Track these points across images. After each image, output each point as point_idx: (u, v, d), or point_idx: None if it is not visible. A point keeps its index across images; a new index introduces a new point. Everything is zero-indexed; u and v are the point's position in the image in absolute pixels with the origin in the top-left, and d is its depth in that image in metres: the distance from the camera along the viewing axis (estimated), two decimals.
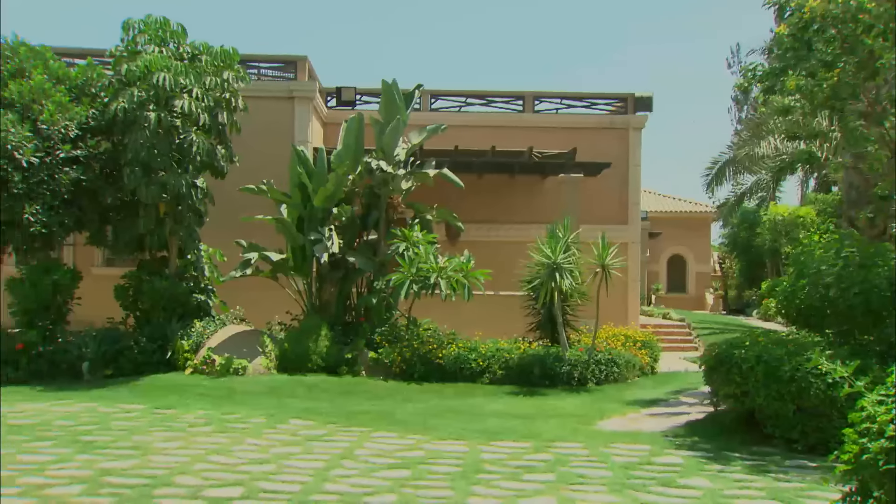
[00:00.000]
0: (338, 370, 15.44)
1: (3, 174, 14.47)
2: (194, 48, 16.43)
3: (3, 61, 15.78)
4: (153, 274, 16.36)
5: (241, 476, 8.21)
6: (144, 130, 15.20)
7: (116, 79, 15.99)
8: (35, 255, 15.66)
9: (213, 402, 12.89)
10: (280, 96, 19.85)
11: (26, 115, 15.11)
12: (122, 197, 16.10)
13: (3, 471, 8.28)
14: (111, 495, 7.44)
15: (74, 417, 11.46)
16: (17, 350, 14.66)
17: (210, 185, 16.78)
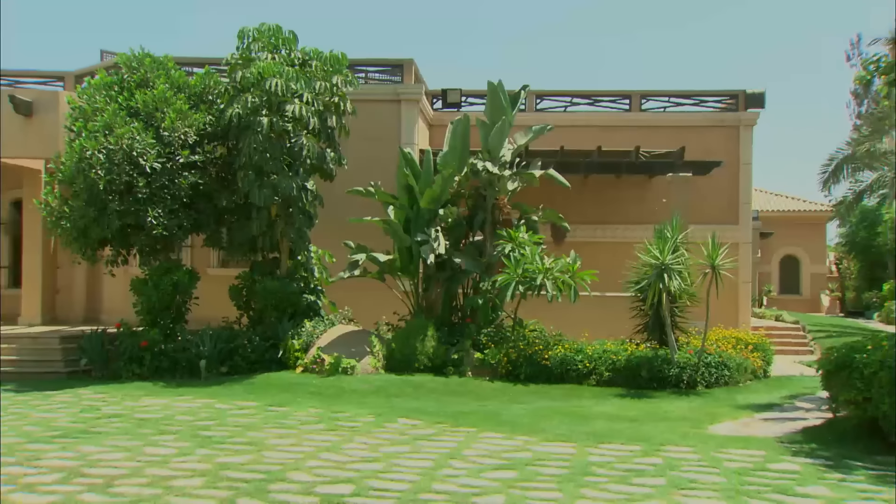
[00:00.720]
0: (444, 370, 15.55)
1: (129, 179, 15.16)
2: (305, 54, 16.86)
3: (130, 72, 16.55)
4: (265, 275, 16.83)
5: (351, 474, 8.37)
6: (257, 135, 15.68)
7: (232, 85, 16.57)
8: (157, 257, 16.34)
9: (323, 401, 13.18)
10: (387, 99, 20.13)
11: (150, 122, 15.81)
12: (236, 200, 16.63)
13: (131, 462, 8.71)
14: (229, 489, 7.70)
15: (194, 413, 11.91)
16: (142, 347, 15.32)
17: (319, 188, 17.16)
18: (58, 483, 7.83)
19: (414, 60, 20.37)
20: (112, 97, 16.06)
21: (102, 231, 15.52)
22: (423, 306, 17.55)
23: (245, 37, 16.63)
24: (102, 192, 15.13)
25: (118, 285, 19.32)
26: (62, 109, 17.25)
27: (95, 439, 9.90)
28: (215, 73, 17.26)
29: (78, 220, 15.49)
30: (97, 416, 11.62)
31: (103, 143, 15.12)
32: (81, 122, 15.78)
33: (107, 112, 15.51)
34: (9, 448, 9.35)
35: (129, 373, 15.25)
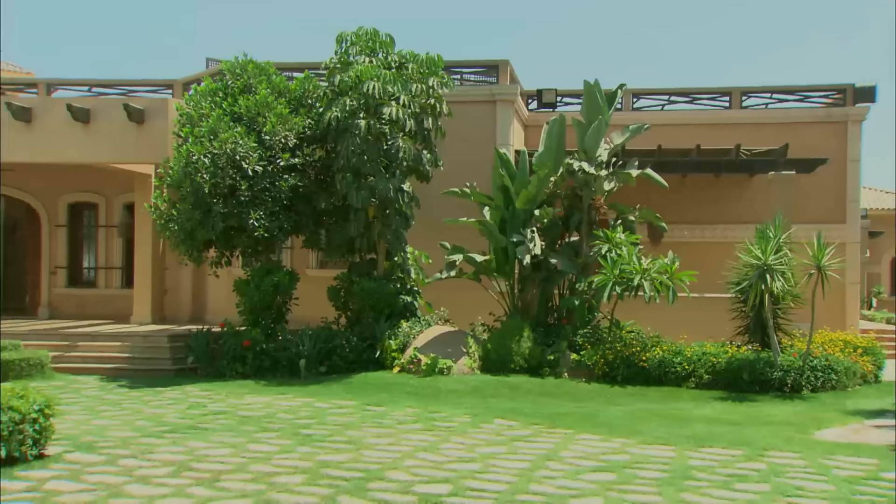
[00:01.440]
0: (540, 371, 15.50)
1: (233, 182, 15.63)
2: (401, 57, 17.06)
3: (234, 78, 17.07)
4: (363, 275, 17.08)
5: (448, 473, 8.44)
6: (355, 137, 15.94)
7: (330, 89, 16.90)
8: (258, 258, 16.78)
9: (419, 401, 13.31)
10: (482, 100, 20.17)
11: (252, 127, 16.26)
12: (334, 202, 16.93)
13: (236, 458, 8.98)
14: (329, 486, 7.86)
15: (294, 412, 12.19)
16: (244, 347, 15.76)
17: (415, 189, 17.33)
18: (168, 476, 8.14)
19: (509, 61, 20.36)
20: (217, 103, 16.59)
21: (207, 233, 16.03)
22: (518, 307, 17.53)
23: (343, 41, 16.95)
24: (207, 196, 15.64)
25: (222, 286, 19.92)
26: (171, 116, 17.88)
27: (202, 435, 10.25)
28: (314, 77, 17.63)
29: (185, 223, 16.04)
30: (203, 412, 12.01)
31: (208, 148, 15.63)
32: (188, 127, 16.35)
33: (212, 117, 16.02)
34: (123, 441, 9.76)
35: (232, 371, 15.70)
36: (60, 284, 22.60)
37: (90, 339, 17.34)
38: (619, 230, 16.78)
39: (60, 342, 17.21)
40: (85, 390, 14.13)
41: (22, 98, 19.94)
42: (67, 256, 22.77)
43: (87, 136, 18.32)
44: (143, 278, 19.55)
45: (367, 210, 16.53)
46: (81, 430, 10.39)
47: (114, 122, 18.16)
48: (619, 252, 16.08)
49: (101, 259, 22.71)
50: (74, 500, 7.23)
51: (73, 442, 9.60)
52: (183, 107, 17.17)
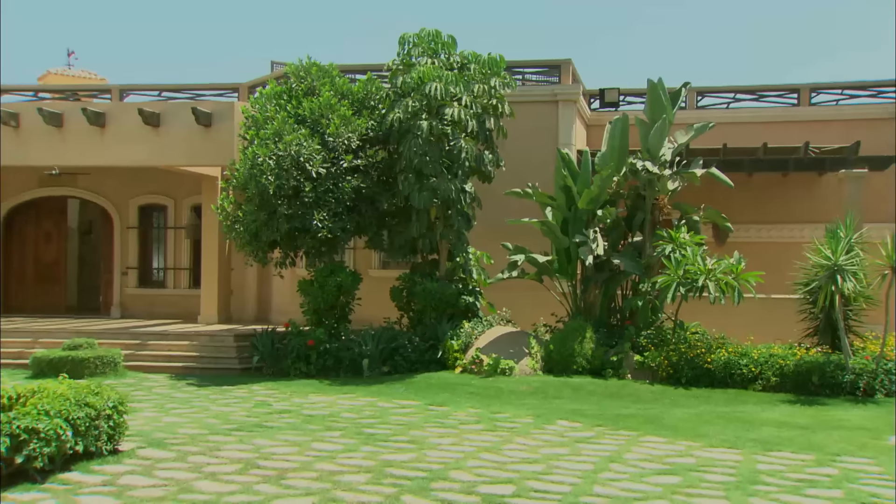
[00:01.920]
0: (602, 372, 15.39)
1: (297, 184, 15.85)
2: (463, 57, 17.11)
3: (298, 81, 17.32)
4: (425, 276, 17.16)
5: (511, 474, 8.43)
6: (417, 139, 16.02)
7: (392, 91, 17.02)
8: (322, 259, 16.97)
9: (482, 401, 13.32)
10: (544, 100, 20.09)
11: (316, 129, 16.47)
12: (396, 203, 17.05)
13: (300, 457, 9.10)
14: (392, 486, 7.92)
15: (358, 411, 12.31)
16: (308, 346, 15.96)
17: (477, 190, 17.35)
18: (236, 474, 8.29)
19: (571, 61, 20.25)
20: (281, 105, 16.84)
21: (272, 234, 16.28)
22: (581, 308, 17.42)
23: (405, 43, 17.06)
24: (272, 197, 15.87)
25: (286, 286, 20.20)
26: (237, 119, 18.20)
27: (268, 433, 10.41)
28: (377, 79, 17.78)
29: (250, 224, 16.31)
30: (269, 411, 12.20)
31: (273, 150, 15.86)
32: (254, 130, 16.63)
33: (276, 120, 16.26)
34: (192, 438, 9.97)
35: (296, 370, 15.91)
36: (131, 285, 23.17)
37: (160, 339, 17.75)
38: (684, 230, 16.56)
39: (132, 341, 17.65)
40: (155, 388, 14.46)
41: (96, 103, 20.48)
42: (138, 257, 23.32)
43: (157, 140, 18.76)
44: (210, 279, 19.93)
45: (429, 211, 16.61)
46: (153, 427, 10.64)
47: (182, 125, 18.56)
48: (684, 252, 15.87)
49: (170, 260, 23.22)
50: (147, 496, 7.42)
51: (144, 438, 9.84)
52: (248, 110, 17.47)
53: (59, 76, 27.44)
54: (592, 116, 22.02)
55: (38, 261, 23.81)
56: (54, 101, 22.01)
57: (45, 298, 23.56)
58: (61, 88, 24.10)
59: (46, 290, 23.71)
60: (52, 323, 19.73)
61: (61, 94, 23.28)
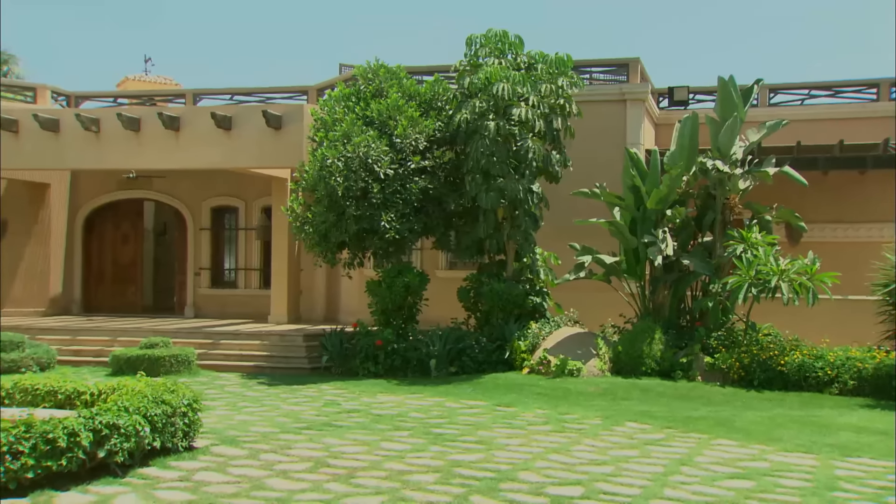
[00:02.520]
0: (672, 374, 15.19)
1: (365, 185, 16.01)
2: (531, 57, 17.08)
3: (366, 83, 17.50)
4: (492, 276, 17.16)
5: (580, 476, 8.39)
6: (484, 139, 16.04)
7: (460, 91, 17.07)
8: (389, 259, 17.10)
9: (549, 402, 13.28)
10: (611, 99, 19.91)
11: (384, 130, 16.62)
12: (463, 203, 17.10)
13: (370, 456, 9.20)
14: (461, 486, 7.94)
15: (425, 411, 12.38)
16: (376, 346, 16.10)
17: (544, 190, 17.30)
18: (306, 472, 8.41)
19: (640, 59, 20.03)
20: (350, 107, 17.03)
21: (341, 235, 16.47)
22: (649, 308, 17.23)
23: (472, 43, 17.10)
24: (341, 198, 16.06)
25: (354, 286, 20.40)
26: (306, 121, 18.45)
27: (337, 432, 10.54)
28: (444, 80, 17.85)
29: (319, 225, 16.53)
30: (338, 410, 12.35)
31: (342, 152, 16.05)
32: (322, 132, 16.85)
33: (345, 122, 16.45)
34: (264, 437, 10.16)
35: (364, 370, 16.06)
36: (204, 285, 23.67)
37: (231, 338, 18.11)
38: (755, 230, 16.26)
39: (205, 340, 18.05)
40: (227, 386, 14.76)
41: (171, 108, 21.01)
42: (210, 258, 23.81)
43: (229, 143, 19.13)
44: (280, 279, 20.25)
45: (496, 211, 16.62)
46: (225, 425, 10.87)
47: (253, 128, 18.89)
48: (755, 252, 15.58)
49: (241, 261, 23.66)
50: (221, 492, 7.58)
51: (218, 436, 10.05)
52: (317, 112, 17.71)
53: (137, 82, 28.20)
54: (661, 115, 21.75)
55: (116, 262, 24.49)
56: (132, 106, 22.64)
57: (123, 298, 24.23)
58: (138, 94, 24.76)
59: (124, 290, 24.39)
60: (130, 322, 20.30)
61: (138, 100, 23.92)
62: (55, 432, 7.46)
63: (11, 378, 10.54)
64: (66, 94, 24.12)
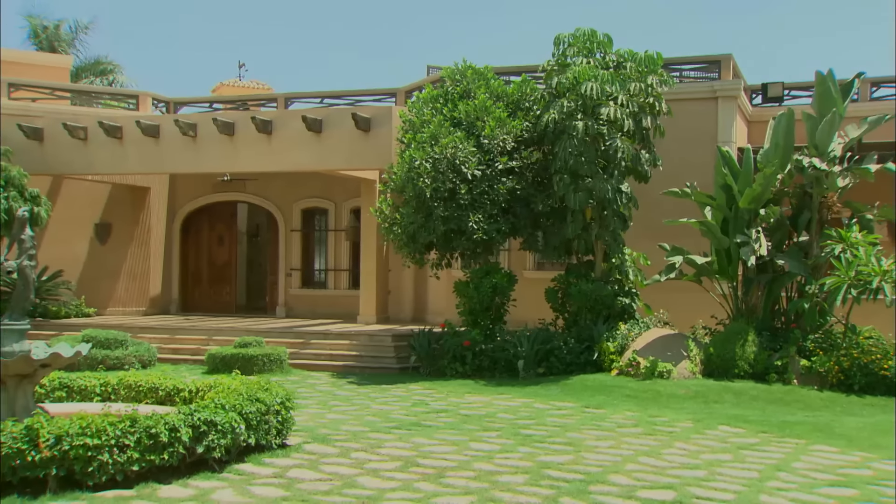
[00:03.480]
0: (766, 377, 14.82)
1: (453, 186, 16.08)
2: (620, 56, 16.89)
3: (454, 84, 17.59)
4: (580, 277, 17.04)
5: (672, 480, 8.28)
6: (572, 139, 15.94)
7: (547, 91, 17.00)
8: (477, 260, 17.14)
9: (639, 404, 13.12)
10: (702, 97, 19.51)
11: (471, 131, 16.66)
12: (551, 204, 17.01)
13: (459, 456, 9.25)
14: (550, 487, 7.93)
15: (514, 412, 12.37)
16: (464, 347, 16.15)
17: (634, 190, 17.08)
18: (396, 471, 8.52)
19: (732, 56, 19.57)
20: (437, 109, 17.13)
21: (428, 236, 16.58)
22: (742, 310, 16.83)
23: (561, 43, 17.01)
24: (429, 199, 16.17)
25: (441, 287, 20.50)
26: (394, 123, 18.62)
27: (426, 432, 10.63)
28: (531, 80, 17.80)
29: (407, 226, 16.68)
30: (426, 410, 12.45)
31: (430, 153, 16.16)
32: (411, 133, 17.00)
33: (433, 123, 16.56)
34: (354, 435, 10.32)
35: (452, 370, 16.13)
36: (295, 285, 24.13)
37: (322, 338, 18.42)
38: (855, 229, 15.71)
39: (296, 339, 18.41)
40: (318, 385, 15.03)
41: (263, 112, 21.50)
42: (301, 259, 24.26)
43: (319, 145, 19.45)
44: (369, 280, 20.50)
45: (584, 211, 16.49)
46: (317, 424, 11.07)
47: (343, 130, 19.16)
48: (855, 252, 15.06)
49: (331, 261, 24.04)
50: (314, 489, 7.74)
51: (310, 434, 10.26)
52: (406, 114, 17.87)
53: (231, 87, 28.96)
54: (754, 112, 21.21)
55: (212, 263, 25.19)
56: (226, 110, 23.24)
57: (218, 298, 24.91)
58: (232, 99, 25.41)
59: (218, 290, 25.06)
60: (224, 322, 20.84)
61: (232, 105, 24.54)
62: (157, 427, 7.75)
63: (116, 375, 10.96)
64: (165, 101, 24.93)
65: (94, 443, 7.40)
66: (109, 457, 7.45)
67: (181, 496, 7.42)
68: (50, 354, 8.80)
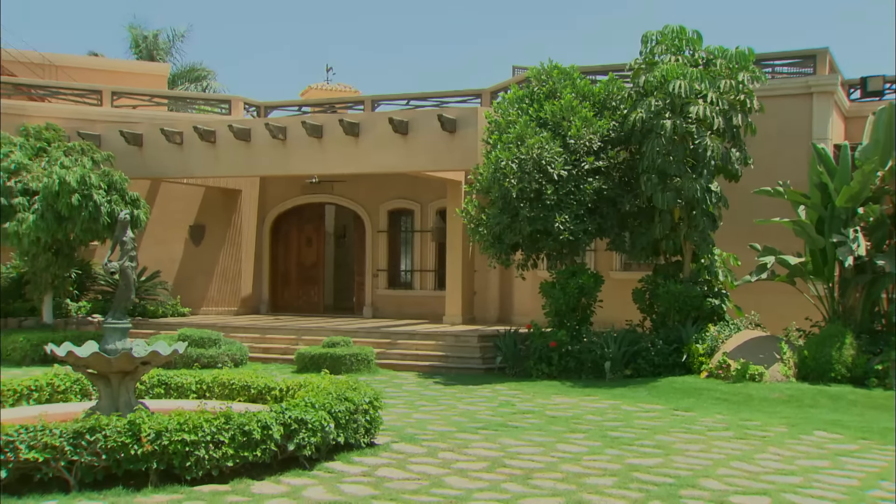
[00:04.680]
0: (865, 382, 14.33)
1: (538, 187, 16.04)
2: (709, 53, 16.58)
3: (539, 84, 17.55)
4: (668, 278, 16.79)
5: (765, 485, 8.10)
6: (660, 138, 15.71)
7: (634, 90, 16.80)
8: (563, 261, 17.06)
9: (730, 408, 12.86)
10: (796, 93, 18.95)
11: (557, 131, 16.59)
12: (639, 204, 16.82)
13: (546, 457, 9.23)
14: (639, 491, 7.84)
15: (601, 413, 12.27)
16: (550, 348, 16.09)
17: (723, 189, 16.74)
18: (484, 471, 8.54)
19: (828, 49, 18.98)
20: (523, 109, 17.11)
21: (514, 236, 16.57)
22: (838, 312, 16.32)
23: (648, 41, 16.79)
24: (515, 200, 16.16)
25: (526, 288, 20.45)
26: (480, 124, 18.66)
27: (513, 433, 10.62)
28: (618, 79, 17.62)
29: (493, 227, 16.69)
30: (513, 411, 12.44)
31: (515, 154, 16.15)
32: (496, 134, 17.02)
33: (518, 124, 16.55)
34: (441, 435, 10.39)
35: (538, 371, 16.07)
36: (381, 286, 24.39)
37: (408, 338, 18.58)
38: None
39: (382, 339, 18.62)
40: (405, 385, 15.17)
41: (351, 114, 21.81)
42: (387, 260, 24.51)
43: (406, 147, 19.62)
44: (455, 280, 20.59)
45: (672, 211, 16.25)
46: (404, 423, 11.18)
47: (428, 132, 19.29)
48: None
49: (416, 262, 24.21)
50: (402, 488, 7.82)
51: (397, 433, 10.37)
52: (491, 114, 17.89)
53: (319, 90, 29.48)
54: (851, 108, 20.51)
55: (300, 263, 25.66)
56: (314, 113, 23.66)
57: (306, 298, 25.37)
58: (320, 102, 25.85)
59: (307, 290, 25.52)
60: (312, 321, 21.21)
61: (320, 108, 24.97)
62: (250, 425, 7.95)
63: (211, 373, 11.29)
64: (256, 105, 25.53)
65: (191, 438, 7.65)
66: (206, 452, 7.69)
67: (274, 492, 7.59)
68: (149, 352, 9.12)
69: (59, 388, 10.59)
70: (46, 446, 7.39)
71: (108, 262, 9.84)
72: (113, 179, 19.20)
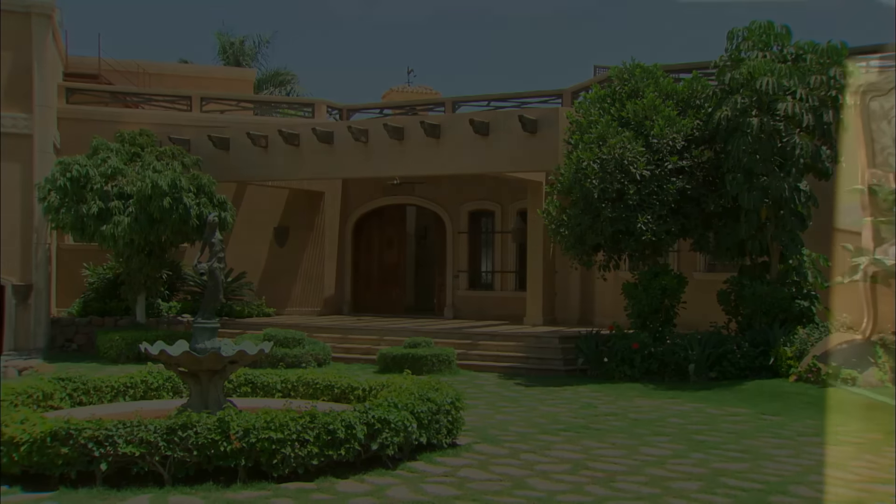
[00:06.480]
0: None
1: (620, 187, 15.88)
2: (799, 48, 16.15)
3: (621, 84, 17.36)
4: (754, 279, 16.42)
5: (860, 493, 7.86)
6: (746, 136, 15.38)
7: (720, 88, 16.47)
8: (645, 261, 16.85)
9: (820, 413, 12.48)
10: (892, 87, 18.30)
11: (639, 131, 16.38)
12: (723, 203, 16.48)
13: (629, 460, 9.14)
14: (726, 496, 7.71)
15: (685, 416, 12.08)
16: (633, 349, 15.90)
17: (813, 188, 16.28)
18: (566, 473, 8.51)
19: None
20: (605, 109, 16.95)
21: (596, 237, 16.44)
22: None
23: (734, 37, 16.44)
24: (596, 200, 16.02)
25: (608, 289, 20.25)
26: (561, 124, 18.55)
27: (595, 435, 10.55)
28: (703, 77, 17.31)
29: (575, 228, 16.58)
30: (595, 413, 12.34)
31: (597, 154, 16.02)
32: (578, 134, 16.90)
33: (600, 123, 16.40)
34: (523, 437, 10.38)
35: (620, 373, 15.89)
36: (462, 287, 24.45)
37: (489, 339, 18.59)
38: None
39: (463, 340, 18.66)
40: (486, 386, 15.18)
41: (431, 116, 21.94)
42: (468, 261, 24.56)
43: (486, 148, 19.62)
44: (535, 281, 20.52)
45: (758, 211, 15.86)
46: (486, 424, 11.20)
47: (509, 133, 19.25)
48: None
49: (497, 263, 24.20)
50: (485, 489, 7.85)
51: (479, 434, 10.40)
52: (572, 114, 17.78)
53: (400, 93, 29.74)
54: None
55: (382, 264, 25.92)
56: (395, 115, 23.88)
57: (387, 299, 25.60)
58: (401, 104, 26.08)
59: (388, 291, 25.76)
60: (394, 322, 21.40)
61: (402, 110, 25.18)
62: (335, 424, 8.09)
63: (295, 372, 11.53)
64: (338, 108, 25.90)
65: (277, 436, 7.82)
66: (291, 450, 7.85)
67: (358, 491, 7.70)
68: (237, 352, 9.36)
69: (152, 386, 10.96)
70: (142, 441, 7.68)
71: (197, 264, 10.13)
72: (202, 183, 19.71)
